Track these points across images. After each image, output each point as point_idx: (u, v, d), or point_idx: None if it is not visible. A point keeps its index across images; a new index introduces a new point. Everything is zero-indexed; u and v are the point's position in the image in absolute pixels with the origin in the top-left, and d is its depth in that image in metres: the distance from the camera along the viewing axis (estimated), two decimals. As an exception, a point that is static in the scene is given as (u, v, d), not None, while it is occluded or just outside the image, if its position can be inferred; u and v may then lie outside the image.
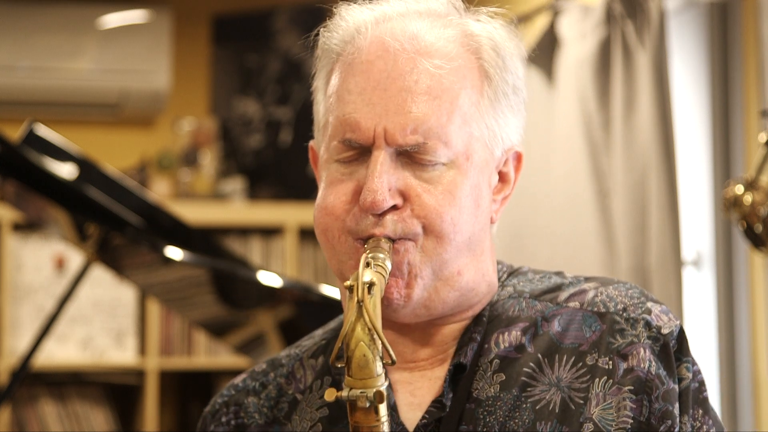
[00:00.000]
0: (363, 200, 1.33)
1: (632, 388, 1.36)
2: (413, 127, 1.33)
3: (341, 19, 1.42)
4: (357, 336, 1.22)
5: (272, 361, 1.53)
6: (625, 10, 3.21)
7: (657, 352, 1.38)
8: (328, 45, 1.44)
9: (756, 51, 2.99)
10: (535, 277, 1.48)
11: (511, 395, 1.37)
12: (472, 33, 1.40)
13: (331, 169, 1.39)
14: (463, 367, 1.39)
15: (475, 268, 1.40)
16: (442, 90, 1.35)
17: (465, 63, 1.38)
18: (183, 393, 4.93)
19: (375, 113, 1.34)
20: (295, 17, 5.03)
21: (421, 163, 1.35)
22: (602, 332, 1.39)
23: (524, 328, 1.41)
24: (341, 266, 1.38)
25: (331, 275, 4.88)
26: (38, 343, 3.01)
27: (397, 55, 1.36)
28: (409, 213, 1.34)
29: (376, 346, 1.22)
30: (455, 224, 1.35)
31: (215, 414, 1.53)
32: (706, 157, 3.34)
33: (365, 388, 1.22)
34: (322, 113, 1.45)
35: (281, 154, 5.02)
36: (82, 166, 3.04)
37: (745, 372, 3.19)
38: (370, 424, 1.22)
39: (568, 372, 1.37)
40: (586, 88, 3.30)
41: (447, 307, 1.39)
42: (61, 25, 4.75)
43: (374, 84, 1.35)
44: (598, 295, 1.42)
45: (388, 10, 1.41)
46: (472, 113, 1.37)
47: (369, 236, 1.34)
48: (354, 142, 1.36)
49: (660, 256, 3.07)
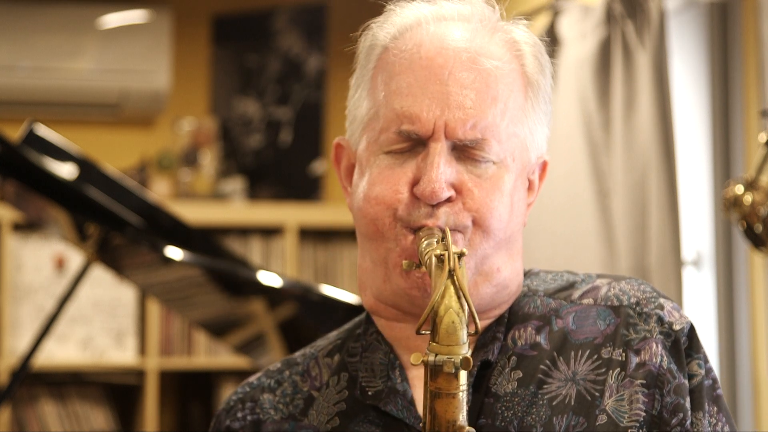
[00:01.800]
0: (422, 190, 1.36)
1: (644, 382, 1.38)
2: (473, 123, 1.38)
3: (395, 15, 1.45)
4: (446, 303, 1.24)
5: (287, 360, 1.55)
6: (625, 10, 3.21)
7: (668, 348, 1.40)
8: (376, 39, 1.45)
9: (756, 51, 2.99)
10: (547, 277, 1.51)
11: (528, 392, 1.39)
12: (517, 40, 1.45)
13: (378, 160, 1.41)
14: (489, 363, 1.42)
15: (511, 267, 1.44)
16: (499, 90, 1.40)
17: (515, 67, 1.43)
18: (183, 393, 4.93)
19: (436, 107, 1.38)
20: (295, 17, 5.03)
21: (474, 158, 1.39)
22: (617, 325, 1.42)
23: (538, 326, 1.44)
24: (388, 253, 1.40)
25: (330, 275, 4.88)
26: (38, 343, 3.00)
27: (459, 53, 1.39)
28: (461, 206, 1.38)
29: (464, 314, 1.25)
30: (502, 220, 1.39)
31: (230, 410, 1.53)
32: (706, 157, 3.34)
33: (451, 354, 1.24)
34: (366, 107, 1.44)
35: (281, 154, 5.02)
36: (82, 166, 3.04)
37: (745, 372, 3.19)
38: (450, 390, 1.24)
39: (584, 365, 1.40)
40: (586, 88, 3.30)
41: (483, 303, 1.42)
42: (61, 25, 4.75)
43: (435, 78, 1.39)
44: (611, 290, 1.46)
45: (440, 9, 1.44)
46: (519, 116, 1.42)
47: (421, 226, 1.37)
48: (413, 133, 1.38)
49: (660, 256, 3.07)
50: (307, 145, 4.98)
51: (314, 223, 4.83)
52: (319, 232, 4.87)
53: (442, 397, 1.24)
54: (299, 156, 4.99)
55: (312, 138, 4.97)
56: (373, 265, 1.43)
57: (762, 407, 3.11)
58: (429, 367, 1.25)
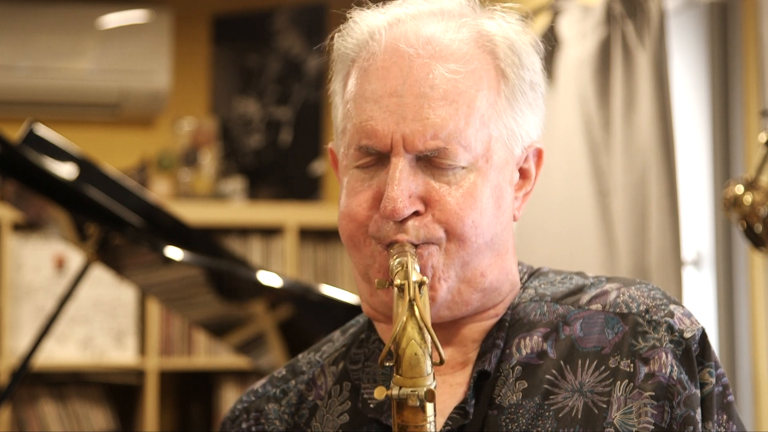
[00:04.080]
0: (383, 208, 1.33)
1: (653, 393, 1.35)
2: (432, 132, 1.33)
3: (354, 24, 1.41)
4: (408, 335, 1.22)
5: (292, 367, 1.52)
6: (625, 10, 3.21)
7: (679, 357, 1.37)
8: (342, 50, 1.42)
9: (756, 51, 2.99)
10: (556, 279, 1.47)
11: (533, 403, 1.36)
12: (487, 33, 1.39)
13: (350, 176, 1.38)
14: (486, 374, 1.38)
15: (499, 268, 1.40)
16: (459, 94, 1.35)
17: (481, 64, 1.37)
18: (183, 393, 4.93)
19: (392, 120, 1.34)
20: (295, 17, 5.03)
21: (441, 167, 1.35)
22: (624, 333, 1.39)
23: (545, 334, 1.40)
24: (368, 269, 1.38)
25: (330, 275, 4.88)
26: (38, 343, 3.00)
27: (412, 60, 1.35)
28: (431, 218, 1.34)
29: (426, 345, 1.22)
30: (477, 227, 1.35)
31: (235, 420, 1.50)
32: (706, 157, 3.34)
33: (415, 386, 1.21)
34: (339, 119, 1.42)
35: (281, 154, 5.02)
36: (82, 166, 3.04)
37: (745, 372, 3.19)
38: (417, 423, 1.22)
39: (591, 376, 1.37)
40: (586, 88, 3.30)
41: (470, 308, 1.39)
42: (61, 25, 4.75)
43: (390, 91, 1.34)
44: (620, 296, 1.42)
45: (400, 12, 1.40)
46: (490, 114, 1.37)
47: (392, 242, 1.34)
48: (371, 149, 1.35)
49: (660, 256, 3.07)
50: (307, 145, 4.98)
51: (314, 223, 4.83)
52: (319, 232, 4.87)
53: (410, 431, 1.22)
54: (299, 156, 4.99)
55: (312, 138, 4.97)
56: (360, 277, 1.41)
57: (762, 407, 3.11)
58: (394, 401, 1.22)
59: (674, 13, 3.38)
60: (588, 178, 3.29)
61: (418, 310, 1.22)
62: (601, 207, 3.28)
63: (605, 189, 3.27)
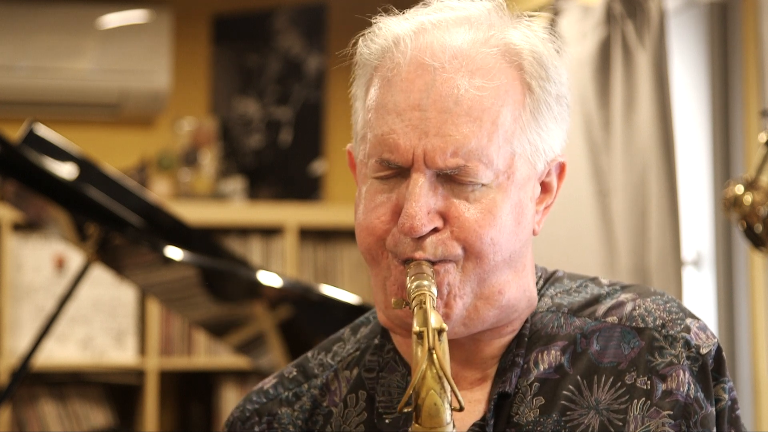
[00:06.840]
0: (401, 225, 1.31)
1: (671, 413, 1.34)
2: (453, 149, 1.30)
3: (378, 30, 1.38)
4: (428, 384, 1.21)
5: (303, 368, 1.50)
6: (625, 10, 3.21)
7: (696, 374, 1.37)
8: (365, 56, 1.39)
9: (756, 51, 2.99)
10: (572, 286, 1.45)
11: (551, 420, 1.35)
12: (513, 46, 1.36)
13: (369, 186, 1.36)
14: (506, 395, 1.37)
15: (517, 285, 1.38)
16: (483, 110, 1.32)
17: (507, 80, 1.34)
18: (183, 393, 4.93)
19: (414, 135, 1.31)
20: (295, 17, 5.03)
21: (462, 183, 1.32)
22: (641, 349, 1.38)
23: (563, 347, 1.39)
24: (385, 281, 1.36)
25: (330, 275, 4.88)
26: (38, 343, 3.00)
27: (437, 74, 1.32)
28: (449, 235, 1.32)
29: (446, 394, 1.21)
30: (495, 244, 1.33)
31: (245, 421, 1.48)
32: (706, 157, 3.34)
33: None
34: (360, 125, 1.39)
35: (281, 154, 5.02)
36: (82, 166, 3.04)
37: (745, 372, 3.19)
38: None
39: (607, 393, 1.36)
40: (586, 88, 3.30)
41: (486, 325, 1.37)
42: (61, 25, 4.75)
43: (413, 104, 1.31)
44: (636, 309, 1.41)
45: (425, 20, 1.36)
46: (514, 130, 1.34)
47: (408, 258, 1.32)
48: (392, 163, 1.32)
49: (660, 256, 3.07)
50: (307, 145, 4.98)
51: (314, 223, 4.83)
52: (319, 232, 4.87)
53: None
54: (299, 156, 4.99)
55: (312, 138, 4.97)
56: (376, 289, 1.39)
57: (762, 407, 3.11)
58: None
59: (674, 13, 3.38)
60: (588, 178, 3.30)
61: (437, 358, 1.21)
62: (601, 207, 3.28)
63: (605, 189, 3.27)
